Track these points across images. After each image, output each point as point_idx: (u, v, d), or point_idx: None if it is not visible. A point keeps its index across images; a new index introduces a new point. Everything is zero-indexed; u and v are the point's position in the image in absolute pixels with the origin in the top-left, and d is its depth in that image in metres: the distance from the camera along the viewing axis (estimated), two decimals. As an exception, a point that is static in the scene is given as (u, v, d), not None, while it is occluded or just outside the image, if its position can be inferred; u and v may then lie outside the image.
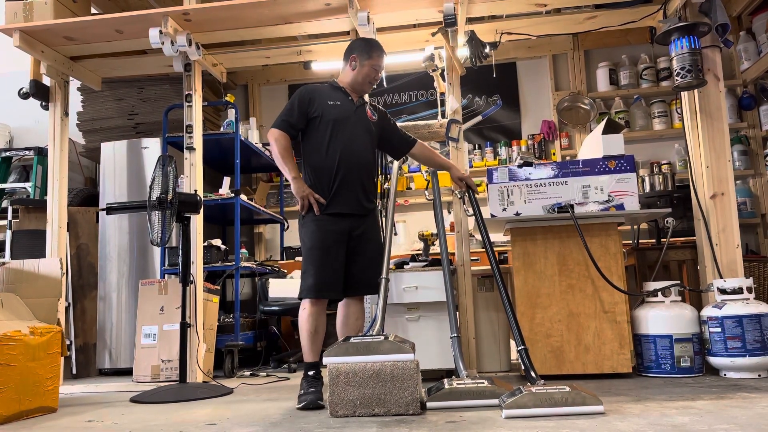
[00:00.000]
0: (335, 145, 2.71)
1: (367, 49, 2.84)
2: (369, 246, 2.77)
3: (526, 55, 5.33)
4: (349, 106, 2.80)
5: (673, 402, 2.24)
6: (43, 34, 3.59)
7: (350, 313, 2.76)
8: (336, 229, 2.66)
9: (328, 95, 2.79)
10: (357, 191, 2.73)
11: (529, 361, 2.47)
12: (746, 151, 4.86)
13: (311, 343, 2.64)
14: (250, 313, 4.94)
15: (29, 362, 2.51)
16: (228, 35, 3.72)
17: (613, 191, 3.03)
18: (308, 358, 2.64)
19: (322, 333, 2.67)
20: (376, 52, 2.84)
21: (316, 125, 2.74)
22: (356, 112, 2.81)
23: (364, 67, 2.82)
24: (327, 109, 2.74)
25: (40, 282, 3.00)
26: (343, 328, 2.75)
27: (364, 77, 2.82)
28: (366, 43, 2.90)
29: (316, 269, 2.62)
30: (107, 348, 4.16)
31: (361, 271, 2.73)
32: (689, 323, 2.91)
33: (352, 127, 2.76)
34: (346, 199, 2.70)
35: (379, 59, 2.85)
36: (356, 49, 2.86)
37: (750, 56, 4.70)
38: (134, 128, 4.77)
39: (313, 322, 2.63)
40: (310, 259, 2.65)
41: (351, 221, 2.71)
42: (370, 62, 2.81)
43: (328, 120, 2.73)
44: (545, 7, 3.57)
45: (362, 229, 2.74)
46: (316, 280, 2.62)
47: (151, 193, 3.10)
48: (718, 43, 3.21)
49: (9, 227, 4.35)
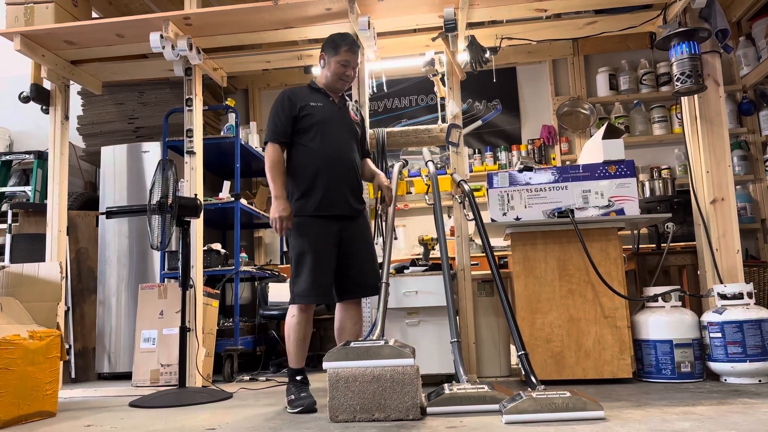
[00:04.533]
0: (321, 146, 2.67)
1: (333, 46, 2.74)
2: (362, 248, 2.73)
3: (526, 60, 5.34)
4: (331, 107, 2.76)
5: (674, 407, 2.23)
6: (44, 38, 3.60)
7: (348, 318, 2.73)
8: (326, 232, 2.63)
9: (309, 97, 2.74)
10: (345, 192, 2.69)
11: (529, 366, 2.46)
12: (746, 156, 4.86)
13: (300, 349, 2.62)
14: (250, 317, 4.94)
15: (28, 366, 2.50)
16: (228, 40, 3.73)
17: (614, 196, 3.03)
18: (295, 365, 2.63)
19: (309, 339, 2.66)
20: (343, 46, 2.72)
21: (301, 128, 2.69)
22: (339, 112, 2.77)
23: (332, 64, 2.73)
24: (310, 111, 2.69)
25: (39, 286, 2.99)
26: (342, 333, 2.72)
27: (334, 75, 2.74)
28: (333, 39, 2.77)
29: (307, 274, 2.58)
30: (106, 352, 4.15)
31: (357, 274, 2.70)
32: (690, 328, 2.91)
33: (337, 128, 2.73)
34: (335, 201, 2.66)
35: (347, 54, 2.72)
36: (324, 46, 2.78)
37: (750, 62, 4.70)
38: (134, 132, 4.78)
39: (302, 329, 2.61)
40: (301, 264, 2.60)
41: (341, 223, 2.67)
42: (336, 59, 2.72)
43: (313, 122, 2.68)
44: (545, 12, 3.57)
45: (353, 231, 2.71)
46: (308, 286, 2.57)
47: (151, 197, 3.10)
48: (717, 48, 3.22)
49: (9, 231, 4.35)
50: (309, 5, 3.33)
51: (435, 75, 3.70)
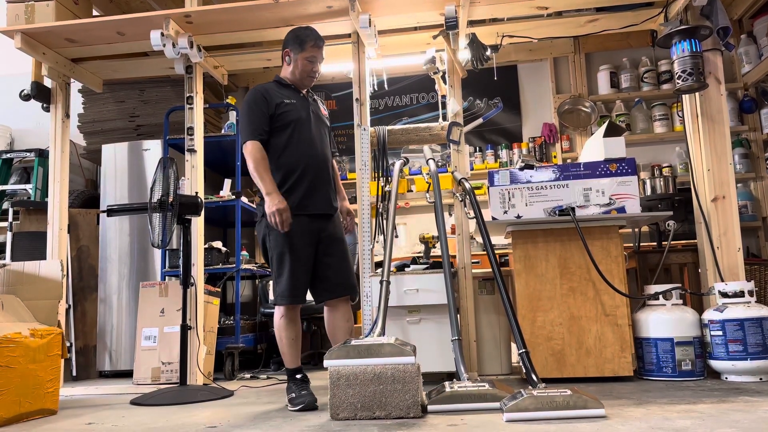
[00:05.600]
0: (298, 145, 2.63)
1: (299, 42, 2.68)
2: (337, 246, 2.69)
3: (527, 57, 5.32)
4: (303, 103, 2.71)
5: (675, 405, 2.23)
6: (45, 36, 3.60)
7: (339, 316, 2.68)
8: (306, 231, 2.59)
9: (282, 94, 2.67)
10: (323, 191, 2.68)
11: (530, 364, 2.46)
12: (747, 154, 4.85)
13: (293, 349, 2.61)
14: (251, 315, 4.94)
15: (29, 364, 2.50)
16: (229, 37, 3.72)
17: (615, 194, 3.03)
18: (292, 364, 2.62)
19: (300, 337, 2.65)
20: (309, 42, 2.67)
21: (277, 126, 2.63)
22: (311, 109, 2.73)
23: (298, 60, 2.68)
24: (285, 109, 2.63)
25: (40, 284, 3.00)
26: (335, 331, 2.68)
27: (302, 72, 2.69)
28: (298, 34, 2.70)
29: (290, 274, 2.55)
30: (107, 350, 4.15)
31: (336, 273, 2.66)
32: (690, 326, 2.91)
33: (311, 126, 2.69)
34: (316, 200, 2.64)
35: (313, 50, 2.67)
36: (289, 42, 2.70)
37: (751, 59, 4.69)
38: (135, 130, 4.78)
39: (293, 328, 2.60)
40: (282, 264, 2.57)
41: (320, 222, 2.65)
42: (303, 55, 2.67)
43: (288, 120, 2.63)
44: (546, 10, 3.57)
45: (330, 230, 2.69)
46: (291, 285, 2.55)
47: (152, 195, 3.10)
48: (719, 46, 3.21)
49: (10, 229, 4.35)
50: (310, 3, 3.33)
51: (436, 73, 3.70)
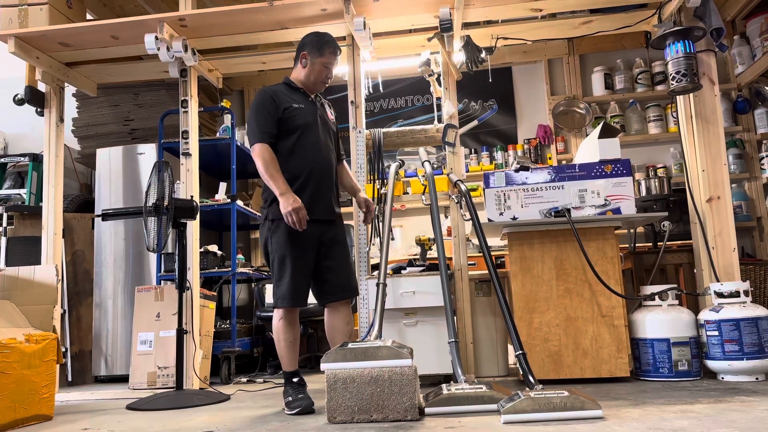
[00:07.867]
0: (304, 150, 2.62)
1: (318, 46, 2.67)
2: (338, 249, 2.69)
3: (522, 59, 5.34)
4: (312, 108, 2.70)
5: (672, 406, 2.23)
6: (39, 40, 3.58)
7: (339, 319, 2.68)
8: (307, 236, 2.58)
9: (290, 97, 2.66)
10: (326, 197, 2.67)
11: (527, 365, 2.46)
12: (741, 154, 4.88)
13: (291, 352, 2.61)
14: (247, 319, 4.92)
15: (24, 370, 2.49)
16: (224, 41, 3.72)
17: (610, 195, 3.04)
18: (289, 367, 2.62)
19: (298, 341, 2.65)
20: (328, 49, 2.68)
21: (284, 130, 2.62)
22: (318, 113, 2.73)
23: (315, 65, 2.67)
24: (293, 113, 2.62)
25: (35, 289, 2.98)
26: (334, 333, 2.68)
27: (317, 77, 2.69)
28: (317, 38, 2.71)
29: (291, 277, 2.55)
30: (103, 355, 4.13)
31: (337, 276, 2.66)
32: (687, 327, 2.91)
33: (319, 131, 2.68)
34: (318, 206, 2.64)
35: (331, 56, 2.68)
36: (307, 45, 2.70)
37: (744, 60, 4.72)
38: (130, 134, 4.76)
39: (291, 331, 2.60)
40: (284, 267, 2.57)
41: (322, 227, 2.65)
42: (321, 60, 2.67)
43: (295, 125, 2.62)
44: (541, 12, 3.58)
45: (331, 233, 2.68)
46: (292, 288, 2.55)
47: (147, 199, 3.09)
48: (712, 47, 3.23)
49: (4, 234, 4.33)
50: (304, 6, 3.33)
51: (431, 75, 3.70)
